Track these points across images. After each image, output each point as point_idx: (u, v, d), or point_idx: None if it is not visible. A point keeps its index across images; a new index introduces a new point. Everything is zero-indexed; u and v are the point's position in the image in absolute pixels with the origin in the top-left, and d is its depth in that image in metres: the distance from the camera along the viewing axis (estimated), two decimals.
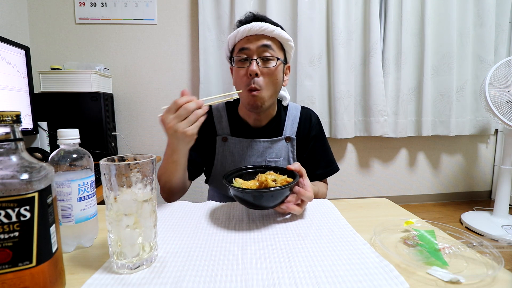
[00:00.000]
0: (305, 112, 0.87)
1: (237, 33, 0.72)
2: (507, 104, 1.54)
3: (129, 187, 0.37)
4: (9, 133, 0.30)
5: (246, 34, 0.71)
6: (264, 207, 0.54)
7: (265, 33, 0.71)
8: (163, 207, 0.62)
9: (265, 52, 0.71)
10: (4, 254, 0.28)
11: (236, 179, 0.60)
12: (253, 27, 0.70)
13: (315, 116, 0.88)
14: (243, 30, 0.70)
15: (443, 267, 0.38)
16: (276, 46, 0.74)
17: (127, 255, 0.38)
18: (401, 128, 1.97)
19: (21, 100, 1.10)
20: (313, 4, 1.79)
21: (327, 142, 0.89)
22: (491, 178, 2.27)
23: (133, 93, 1.82)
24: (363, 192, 2.14)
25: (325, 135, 0.89)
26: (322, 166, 0.86)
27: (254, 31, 0.70)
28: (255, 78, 0.70)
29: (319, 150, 0.86)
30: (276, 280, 0.36)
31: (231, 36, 0.74)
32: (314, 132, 0.86)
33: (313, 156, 0.85)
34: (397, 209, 0.63)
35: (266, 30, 0.70)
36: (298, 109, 0.87)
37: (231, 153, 0.80)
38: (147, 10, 1.76)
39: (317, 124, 0.87)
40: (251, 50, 0.71)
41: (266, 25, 0.70)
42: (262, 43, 0.71)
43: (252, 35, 0.71)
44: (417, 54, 1.96)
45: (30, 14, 1.68)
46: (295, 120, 0.84)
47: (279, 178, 0.57)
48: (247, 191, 0.51)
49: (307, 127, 0.85)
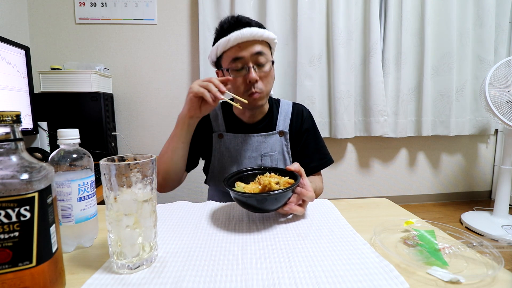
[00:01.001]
0: (296, 107, 0.89)
1: (228, 42, 0.71)
2: (507, 104, 1.54)
3: (129, 187, 0.37)
4: (9, 133, 0.30)
5: (238, 41, 0.71)
6: (267, 210, 0.53)
7: (256, 38, 0.71)
8: (163, 207, 0.62)
9: (259, 58, 0.73)
10: (4, 254, 0.28)
11: (237, 182, 0.59)
12: (244, 34, 0.70)
13: (307, 110, 0.90)
14: (234, 38, 0.70)
15: (443, 267, 0.38)
16: (266, 48, 0.75)
17: (127, 255, 0.38)
18: (401, 128, 1.98)
19: (21, 100, 1.10)
20: (313, 4, 1.79)
21: (319, 135, 0.91)
22: (491, 178, 2.27)
23: (133, 93, 1.82)
24: (363, 192, 2.14)
25: (317, 129, 0.91)
26: (316, 159, 0.87)
27: (246, 38, 0.70)
28: (255, 84, 0.73)
29: (312, 143, 0.88)
30: (276, 280, 0.36)
31: (221, 43, 0.72)
32: (306, 126, 0.88)
33: (307, 149, 0.87)
34: (397, 209, 0.63)
35: (257, 36, 0.71)
36: (290, 105, 0.89)
37: (227, 148, 0.83)
38: (147, 10, 1.76)
39: (309, 118, 0.90)
40: (246, 58, 0.72)
41: (255, 30, 0.71)
42: (255, 50, 0.72)
43: (243, 42, 0.71)
44: (417, 54, 1.96)
45: (30, 14, 1.68)
46: (287, 115, 0.86)
47: (281, 180, 0.56)
48: (250, 195, 0.50)
49: (299, 121, 0.87)
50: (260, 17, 1.79)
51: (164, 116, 1.86)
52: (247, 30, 0.70)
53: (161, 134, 1.86)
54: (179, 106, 1.83)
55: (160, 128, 1.86)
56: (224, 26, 0.74)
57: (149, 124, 1.86)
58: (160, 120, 1.86)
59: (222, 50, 0.73)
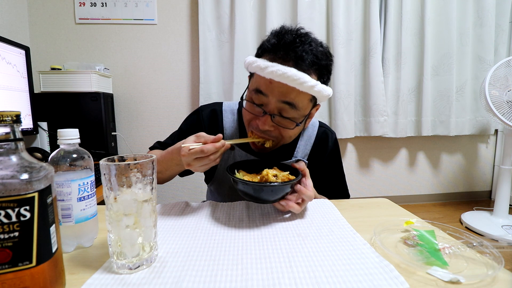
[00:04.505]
0: (322, 132, 0.76)
1: (261, 70, 0.55)
2: (507, 104, 1.54)
3: (129, 187, 0.37)
4: (9, 133, 0.30)
5: (275, 78, 0.54)
6: (264, 201, 0.55)
7: (299, 87, 0.54)
8: (163, 207, 0.62)
9: (286, 110, 0.58)
10: (4, 254, 0.28)
11: (240, 170, 0.61)
12: (286, 74, 0.52)
13: (333, 138, 0.78)
14: (270, 71, 0.54)
15: (443, 267, 0.38)
16: (305, 101, 0.58)
17: (127, 255, 0.37)
18: (401, 128, 1.98)
19: (21, 100, 1.10)
20: (313, 4, 1.79)
21: (342, 168, 0.81)
22: (491, 178, 2.27)
23: (133, 93, 1.82)
24: (363, 192, 2.14)
25: (341, 161, 0.80)
26: (332, 192, 0.80)
27: (285, 79, 0.53)
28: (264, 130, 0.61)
29: (332, 178, 0.80)
30: (276, 280, 0.36)
31: (256, 64, 0.57)
32: (329, 159, 0.77)
33: (326, 182, 0.79)
34: (397, 209, 0.63)
35: (303, 85, 0.54)
36: (316, 127, 0.76)
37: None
38: (147, 10, 1.76)
39: (334, 147, 0.78)
40: (270, 101, 0.57)
41: (304, 78, 0.53)
42: (286, 99, 0.56)
43: (279, 82, 0.54)
44: (417, 54, 1.96)
45: (30, 14, 1.68)
46: (310, 141, 0.75)
47: (280, 174, 0.57)
48: (248, 183, 0.51)
49: (322, 151, 0.76)
50: (260, 17, 1.79)
51: (164, 116, 1.86)
52: (292, 72, 0.53)
53: (161, 134, 1.86)
54: (179, 106, 1.86)
55: (160, 128, 1.86)
56: (271, 43, 0.58)
57: (149, 124, 1.86)
58: (160, 120, 1.86)
59: (254, 71, 0.60)
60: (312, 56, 0.56)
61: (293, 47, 0.55)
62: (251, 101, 0.61)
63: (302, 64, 0.55)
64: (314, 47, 0.57)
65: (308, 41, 0.57)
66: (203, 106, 0.80)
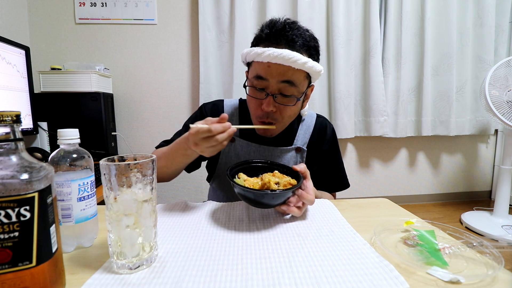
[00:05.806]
0: (320, 122, 0.81)
1: (259, 56, 0.61)
2: (507, 104, 1.54)
3: (129, 187, 0.37)
4: (9, 133, 0.30)
5: (269, 60, 0.60)
6: (265, 206, 0.54)
7: (294, 65, 0.60)
8: (163, 207, 0.62)
9: (286, 88, 0.63)
10: (4, 254, 0.28)
11: (240, 174, 0.60)
12: (279, 55, 0.59)
13: (331, 128, 0.83)
14: (267, 55, 0.60)
15: (443, 267, 0.38)
16: (302, 78, 0.64)
17: (127, 255, 0.38)
18: (401, 128, 1.98)
19: (21, 100, 1.10)
20: (313, 4, 1.79)
21: (340, 157, 0.85)
22: (491, 178, 2.27)
23: (133, 93, 1.82)
24: (363, 192, 2.14)
25: (339, 149, 0.85)
26: (332, 181, 0.84)
27: (280, 60, 0.59)
28: (269, 113, 0.66)
29: (331, 166, 0.83)
30: (276, 280, 0.36)
31: (253, 53, 0.63)
32: (327, 147, 0.81)
33: (324, 170, 0.82)
34: (397, 209, 0.63)
35: (296, 63, 0.60)
36: (313, 118, 0.81)
37: (237, 154, 0.78)
38: (147, 10, 1.76)
39: (332, 137, 0.82)
40: (270, 84, 0.63)
41: (296, 56, 0.59)
42: (285, 78, 0.62)
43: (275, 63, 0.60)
44: (417, 54, 1.96)
45: (30, 14, 1.68)
46: (308, 130, 0.79)
47: (282, 180, 0.57)
48: (249, 190, 0.51)
49: (321, 139, 0.80)
50: (260, 17, 1.79)
51: (164, 116, 1.86)
52: (286, 52, 0.59)
53: (161, 134, 1.86)
54: (179, 106, 1.86)
55: (160, 128, 1.87)
56: (264, 32, 0.64)
57: (149, 124, 1.86)
58: (160, 120, 1.86)
59: (252, 59, 0.65)
60: (302, 39, 0.64)
61: (284, 32, 0.63)
62: (254, 88, 0.66)
63: (294, 45, 0.62)
64: (302, 32, 0.65)
65: (296, 27, 0.65)
66: (205, 103, 0.85)
